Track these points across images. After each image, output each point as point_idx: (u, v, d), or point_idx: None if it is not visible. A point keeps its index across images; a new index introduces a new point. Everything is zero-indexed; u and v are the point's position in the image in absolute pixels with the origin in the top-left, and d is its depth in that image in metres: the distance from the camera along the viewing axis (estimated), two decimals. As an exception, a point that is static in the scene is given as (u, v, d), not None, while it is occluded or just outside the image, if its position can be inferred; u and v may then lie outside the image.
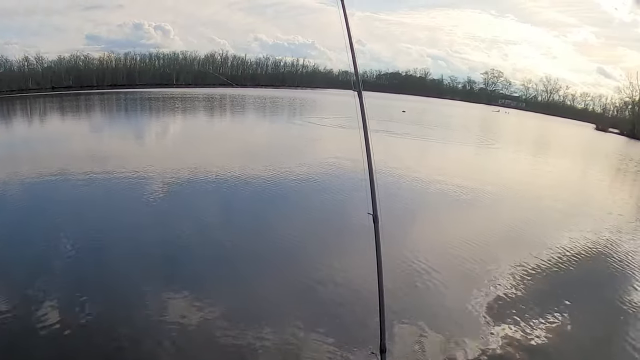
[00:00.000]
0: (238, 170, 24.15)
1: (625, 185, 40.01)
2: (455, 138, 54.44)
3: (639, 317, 12.10)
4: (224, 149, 32.63)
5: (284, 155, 30.87)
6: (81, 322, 9.46)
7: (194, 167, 24.02)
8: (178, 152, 30.58)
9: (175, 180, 21.50)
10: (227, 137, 40.48)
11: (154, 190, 19.67)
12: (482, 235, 17.40)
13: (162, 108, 64.86)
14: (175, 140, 37.64)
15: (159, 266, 12.58)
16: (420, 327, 10.31)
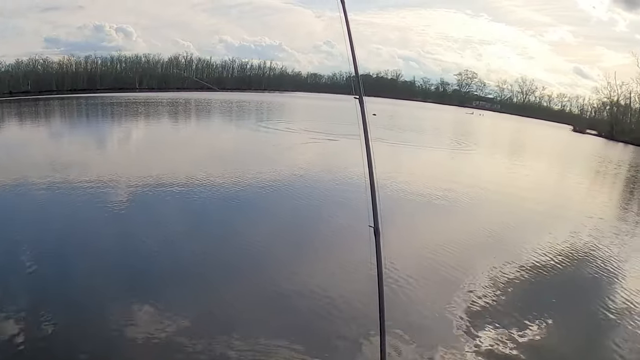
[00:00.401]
0: (203, 177, 24.02)
1: (605, 188, 40.56)
2: (427, 142, 54.66)
3: (621, 323, 12.21)
4: (189, 155, 32.42)
5: (251, 162, 30.77)
6: (40, 337, 9.31)
7: (157, 175, 23.78)
8: (141, 159, 30.43)
9: (139, 188, 21.37)
10: (192, 143, 40.24)
11: (117, 199, 19.44)
12: (459, 241, 17.53)
13: (124, 113, 64.44)
14: (138, 147, 37.40)
15: (123, 277, 12.44)
16: (398, 335, 10.35)
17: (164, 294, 11.65)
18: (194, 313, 10.73)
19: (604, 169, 52.54)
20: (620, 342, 11.23)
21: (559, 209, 26.84)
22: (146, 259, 13.92)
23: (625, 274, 16.40)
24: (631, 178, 48.12)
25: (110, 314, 10.33)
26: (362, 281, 12.47)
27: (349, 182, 25.96)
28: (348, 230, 18.01)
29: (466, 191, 27.16)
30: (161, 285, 12.23)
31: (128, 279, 12.36)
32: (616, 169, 53.66)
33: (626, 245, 20.71)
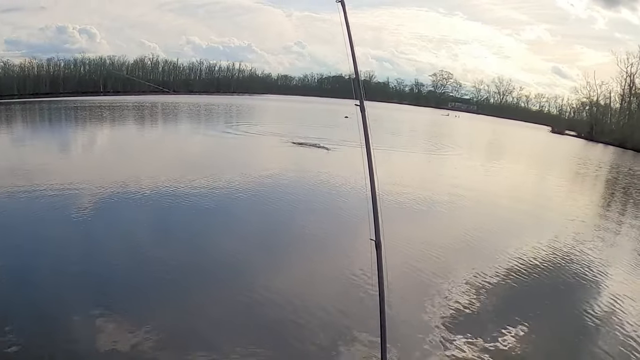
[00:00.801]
0: (169, 183, 23.63)
1: (586, 190, 40.96)
2: (402, 145, 54.78)
3: (601, 327, 12.32)
4: (157, 161, 32.19)
5: (221, 167, 30.62)
6: (2, 353, 9.10)
7: (123, 181, 23.34)
8: (106, 165, 29.99)
9: (104, 195, 21.10)
10: (160, 148, 39.99)
11: (81, 206, 19.05)
12: (438, 246, 17.55)
13: (89, 118, 63.76)
14: (103, 152, 36.94)
15: (89, 286, 12.18)
16: (370, 339, 10.36)
17: (132, 303, 11.52)
18: (174, 323, 10.65)
19: (585, 171, 53.02)
20: (601, 347, 11.35)
21: (540, 211, 27.07)
22: (112, 266, 13.66)
23: (606, 277, 16.54)
24: (612, 180, 48.61)
25: (74, 325, 10.13)
26: (342, 292, 12.53)
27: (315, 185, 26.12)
28: (317, 234, 18.12)
29: (445, 195, 27.29)
30: (129, 294, 12.05)
31: (93, 287, 12.10)
32: (597, 171, 54.20)
33: (607, 249, 20.97)
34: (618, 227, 25.95)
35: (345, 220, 20.67)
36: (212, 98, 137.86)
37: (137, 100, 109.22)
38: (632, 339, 11.92)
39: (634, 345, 11.58)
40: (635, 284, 16.39)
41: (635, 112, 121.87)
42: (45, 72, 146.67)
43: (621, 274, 17.27)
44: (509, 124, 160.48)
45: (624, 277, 16.91)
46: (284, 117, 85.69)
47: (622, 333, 12.21)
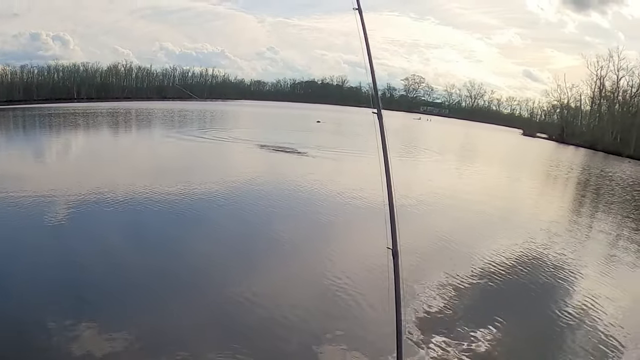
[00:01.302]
0: (144, 190, 23.46)
1: (558, 192, 41.42)
2: (372, 148, 54.51)
3: (573, 327, 12.55)
4: (131, 167, 31.93)
5: (194, 172, 30.39)
6: None
7: (98, 187, 23.01)
8: (81, 172, 29.67)
9: (79, 202, 20.82)
10: (134, 154, 39.71)
11: (55, 213, 18.85)
12: (411, 249, 17.42)
13: (63, 125, 63.28)
14: (77, 160, 36.49)
15: (64, 294, 12.11)
16: (345, 343, 10.50)
17: (107, 309, 11.43)
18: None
19: (557, 173, 53.68)
20: (572, 345, 11.62)
21: (513, 213, 27.39)
22: (87, 272, 13.58)
23: (580, 276, 16.90)
24: (584, 181, 49.21)
25: (49, 331, 10.05)
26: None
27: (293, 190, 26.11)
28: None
29: (420, 198, 27.32)
30: (105, 300, 11.92)
31: (68, 294, 12.05)
32: (568, 173, 54.87)
33: (580, 248, 21.24)
34: (590, 227, 26.37)
35: (323, 223, 20.77)
36: (185, 104, 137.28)
37: (111, 106, 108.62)
38: (605, 336, 12.19)
39: (607, 342, 11.86)
40: (608, 283, 16.72)
41: (605, 115, 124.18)
42: (18, 79, 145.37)
43: (594, 273, 17.63)
44: (481, 127, 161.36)
45: (597, 276, 17.26)
46: (258, 123, 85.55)
47: (595, 331, 12.49)
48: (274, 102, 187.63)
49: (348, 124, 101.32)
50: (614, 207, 35.17)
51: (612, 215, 30.86)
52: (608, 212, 32.08)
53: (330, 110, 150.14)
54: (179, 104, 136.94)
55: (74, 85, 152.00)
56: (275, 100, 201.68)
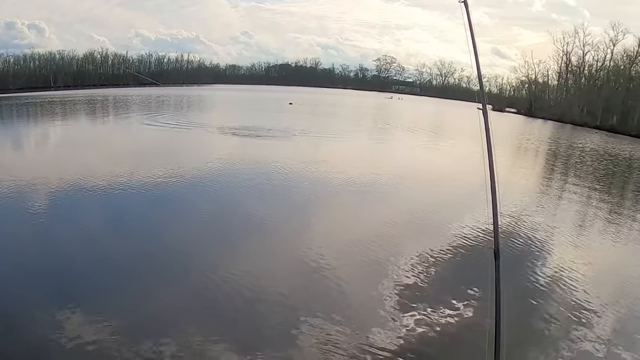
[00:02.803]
0: (125, 176, 22.88)
1: (529, 163, 41.66)
2: (343, 129, 54.04)
3: (546, 299, 12.53)
4: (113, 154, 31.39)
5: (171, 158, 29.83)
6: None
7: (77, 175, 22.34)
8: (62, 161, 29.10)
9: (61, 190, 20.32)
10: (113, 142, 39.08)
11: (34, 203, 18.24)
12: (385, 227, 17.50)
13: (40, 114, 62.22)
14: (56, 149, 35.77)
15: (48, 282, 11.69)
16: (330, 320, 10.37)
17: (91, 296, 11.16)
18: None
19: (526, 145, 53.96)
20: (547, 315, 11.61)
21: (483, 189, 27.24)
22: (69, 260, 13.25)
23: (553, 244, 17.07)
24: (554, 152, 49.42)
25: (35, 321, 9.79)
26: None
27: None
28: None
29: (391, 176, 27.30)
30: (88, 288, 11.65)
31: (51, 282, 11.72)
32: (537, 145, 55.03)
33: (553, 216, 21.36)
34: (562, 196, 26.52)
35: (298, 203, 20.66)
36: (162, 90, 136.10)
37: (88, 94, 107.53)
38: (578, 301, 12.35)
39: (581, 307, 11.99)
40: (579, 249, 16.94)
41: (572, 88, 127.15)
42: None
43: (566, 240, 17.83)
44: (451, 104, 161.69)
45: (569, 243, 17.46)
46: (232, 106, 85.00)
47: (570, 297, 12.61)
48: (249, 86, 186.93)
49: (322, 105, 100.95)
50: (584, 175, 35.44)
51: (583, 184, 31.02)
52: (577, 180, 32.23)
53: (304, 92, 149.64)
54: (156, 90, 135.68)
55: (50, 74, 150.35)
56: (250, 84, 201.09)
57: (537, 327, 10.98)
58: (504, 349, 5.58)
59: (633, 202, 28.09)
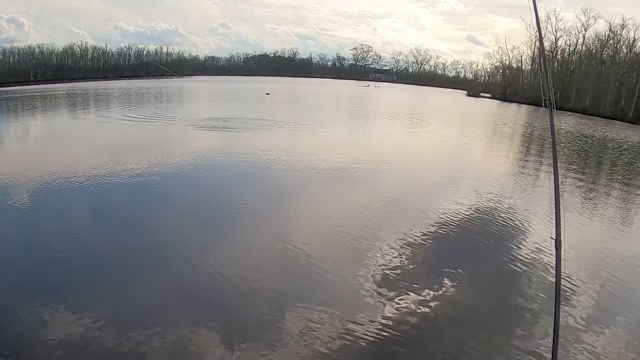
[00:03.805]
0: (107, 169, 22.32)
1: (505, 145, 41.80)
2: (320, 118, 53.64)
3: (524, 276, 12.66)
4: (92, 148, 30.83)
5: (148, 151, 29.38)
6: None
7: (60, 169, 21.91)
8: (40, 155, 28.54)
9: (38, 184, 19.83)
10: (95, 136, 38.48)
11: (17, 197, 17.92)
12: (366, 211, 17.47)
13: (20, 109, 61.39)
14: (37, 143, 35.15)
15: (32, 275, 11.50)
16: (306, 302, 10.37)
17: (76, 287, 11.05)
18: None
19: (502, 128, 54.14)
20: (522, 291, 11.80)
21: (461, 172, 27.34)
22: (52, 253, 12.93)
23: (529, 224, 17.19)
24: (529, 134, 49.63)
25: (20, 314, 9.53)
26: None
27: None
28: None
29: (371, 162, 27.10)
30: (73, 279, 11.54)
31: (36, 275, 11.52)
32: (512, 129, 55.27)
33: (528, 197, 21.44)
34: (537, 177, 26.46)
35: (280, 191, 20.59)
36: (142, 82, 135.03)
37: (68, 87, 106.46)
38: (553, 278, 12.05)
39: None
40: (552, 232, 16.59)
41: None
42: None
43: (541, 219, 17.78)
44: (428, 91, 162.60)
45: (545, 222, 17.31)
46: (212, 98, 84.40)
47: (545, 274, 12.68)
48: (228, 77, 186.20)
49: (299, 95, 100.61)
50: (560, 156, 35.48)
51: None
52: (551, 162, 32.23)
53: (283, 82, 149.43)
54: (135, 82, 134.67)
55: (30, 68, 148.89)
56: (229, 75, 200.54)
57: (517, 304, 11.14)
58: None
59: (607, 180, 28.40)
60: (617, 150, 43.60)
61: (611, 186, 26.49)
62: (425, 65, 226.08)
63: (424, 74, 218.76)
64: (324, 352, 8.78)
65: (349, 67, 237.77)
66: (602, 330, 9.94)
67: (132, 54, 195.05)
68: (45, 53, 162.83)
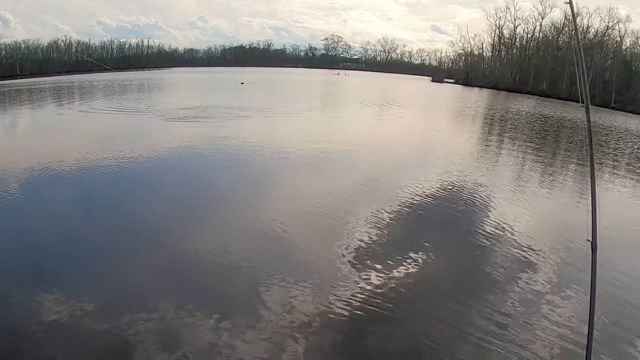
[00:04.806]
0: (95, 158, 21.67)
1: (469, 126, 41.94)
2: (292, 105, 52.86)
3: (489, 248, 12.63)
4: (77, 139, 30.33)
5: (127, 144, 29.06)
6: None
7: (48, 160, 21.23)
8: (27, 147, 27.77)
9: (28, 174, 19.37)
10: (79, 127, 37.79)
11: (7, 188, 17.33)
12: (338, 192, 17.21)
13: (8, 102, 60.34)
14: (24, 135, 34.51)
15: (24, 263, 11.00)
16: (288, 279, 10.22)
17: (68, 273, 10.67)
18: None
19: (466, 111, 54.37)
20: (489, 262, 11.73)
21: (427, 151, 27.41)
22: (44, 241, 12.54)
23: (493, 200, 17.11)
24: (491, 116, 49.86)
25: (14, 301, 9.19)
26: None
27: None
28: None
29: (340, 146, 26.61)
30: (65, 265, 11.11)
31: (28, 262, 11.01)
32: (474, 111, 55.48)
33: (491, 175, 21.47)
34: (498, 157, 26.67)
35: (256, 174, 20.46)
36: (125, 74, 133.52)
37: (53, 80, 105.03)
38: (519, 249, 12.48)
39: (521, 256, 12.08)
40: (517, 206, 16.96)
41: (504, 59, 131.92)
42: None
43: (505, 196, 17.95)
44: (395, 78, 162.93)
45: (507, 199, 17.62)
46: (191, 88, 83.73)
47: (510, 246, 12.72)
48: (206, 68, 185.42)
49: (273, 83, 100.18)
50: (519, 135, 35.78)
51: (518, 143, 31.34)
52: (513, 141, 32.47)
53: (259, 72, 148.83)
54: (119, 74, 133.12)
55: (16, 63, 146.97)
56: (208, 66, 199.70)
57: (484, 270, 11.21)
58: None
59: (565, 155, 28.57)
60: (572, 129, 44.18)
61: (568, 161, 26.67)
62: (392, 53, 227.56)
63: (391, 62, 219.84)
64: (305, 321, 8.70)
65: (321, 57, 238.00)
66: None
67: (114, 48, 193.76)
68: (31, 48, 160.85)
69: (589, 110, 5.21)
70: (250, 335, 8.20)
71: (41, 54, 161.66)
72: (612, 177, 23.01)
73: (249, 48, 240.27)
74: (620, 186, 21.17)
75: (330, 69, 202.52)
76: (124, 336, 8.15)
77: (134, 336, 8.15)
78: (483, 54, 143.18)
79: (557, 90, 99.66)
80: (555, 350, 8.08)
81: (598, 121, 51.95)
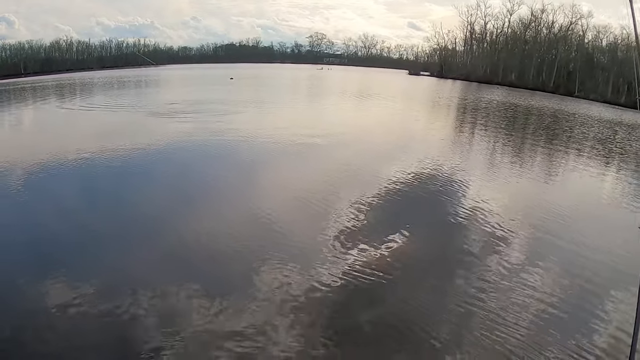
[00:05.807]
0: (94, 151, 21.26)
1: (443, 115, 42.10)
2: (279, 98, 52.64)
3: (464, 227, 12.77)
4: (79, 133, 29.93)
5: (123, 137, 28.95)
6: None
7: (53, 154, 20.93)
8: (32, 143, 27.34)
9: (32, 169, 19.03)
10: (80, 122, 37.40)
11: (15, 182, 16.76)
12: (321, 180, 17.16)
13: (13, 99, 59.82)
14: (29, 131, 34.11)
15: (32, 251, 10.87)
16: (282, 260, 10.24)
17: (74, 260, 10.51)
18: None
19: (441, 101, 54.49)
20: (466, 239, 11.92)
21: (405, 139, 27.43)
22: (50, 230, 12.43)
23: (468, 183, 17.21)
24: (464, 105, 50.04)
25: (23, 287, 9.16)
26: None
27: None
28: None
29: (329, 133, 26.76)
30: (70, 252, 10.97)
31: (36, 250, 10.92)
32: (448, 102, 55.65)
33: (465, 160, 21.60)
34: (472, 142, 26.77)
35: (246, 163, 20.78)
36: (123, 71, 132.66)
37: (55, 78, 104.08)
38: (493, 227, 12.65)
39: (495, 233, 12.29)
40: (491, 187, 17.30)
41: (476, 52, 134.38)
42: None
43: (479, 179, 18.12)
44: (375, 71, 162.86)
45: (482, 182, 17.80)
46: (185, 83, 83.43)
47: (485, 225, 12.87)
48: (199, 65, 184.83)
49: (260, 78, 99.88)
50: (490, 122, 35.96)
51: (490, 129, 31.54)
52: (486, 128, 32.65)
53: (248, 68, 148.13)
54: (117, 71, 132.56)
55: (20, 62, 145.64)
56: (200, 63, 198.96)
57: (462, 250, 11.59)
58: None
59: (533, 140, 28.66)
60: (540, 116, 44.35)
61: (536, 144, 26.88)
62: (372, 49, 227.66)
63: (371, 57, 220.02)
64: (295, 296, 8.84)
65: (306, 53, 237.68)
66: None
67: (113, 47, 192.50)
68: (34, 48, 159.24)
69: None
70: (247, 312, 8.28)
71: (44, 53, 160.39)
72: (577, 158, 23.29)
73: (239, 45, 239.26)
74: (584, 165, 21.46)
75: (315, 64, 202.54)
76: (124, 317, 8.16)
77: (134, 316, 8.19)
78: (456, 48, 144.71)
79: (525, 81, 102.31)
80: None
81: (564, 109, 52.44)
